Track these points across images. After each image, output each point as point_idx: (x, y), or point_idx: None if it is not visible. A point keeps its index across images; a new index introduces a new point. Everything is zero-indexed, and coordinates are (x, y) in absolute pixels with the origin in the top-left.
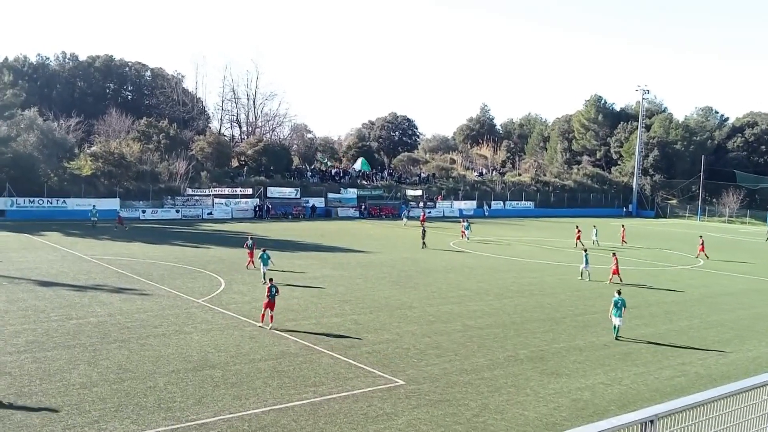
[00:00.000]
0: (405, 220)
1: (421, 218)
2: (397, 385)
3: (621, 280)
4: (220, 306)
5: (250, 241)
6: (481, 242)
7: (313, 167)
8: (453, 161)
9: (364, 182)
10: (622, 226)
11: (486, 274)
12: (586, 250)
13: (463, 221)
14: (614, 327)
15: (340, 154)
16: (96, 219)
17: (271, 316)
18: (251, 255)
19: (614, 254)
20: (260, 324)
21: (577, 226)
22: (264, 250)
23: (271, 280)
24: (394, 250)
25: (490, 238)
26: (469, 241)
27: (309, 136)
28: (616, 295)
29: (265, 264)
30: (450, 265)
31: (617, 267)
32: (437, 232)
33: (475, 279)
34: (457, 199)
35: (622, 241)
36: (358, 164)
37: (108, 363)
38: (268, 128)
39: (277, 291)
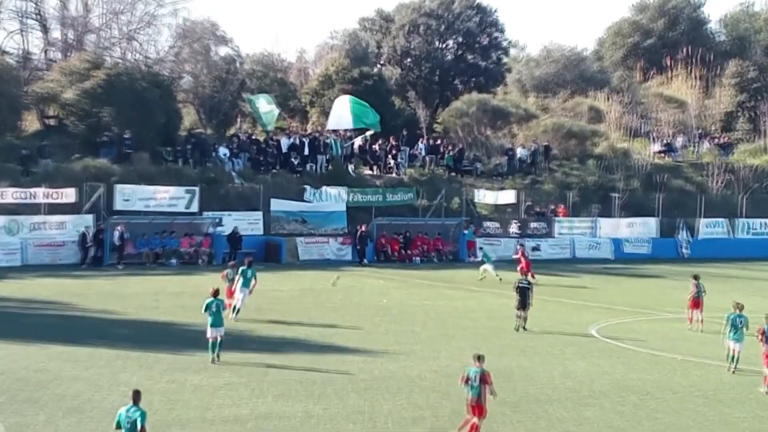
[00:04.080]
0: (488, 268)
1: (521, 265)
2: None
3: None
4: None
5: None
6: (673, 323)
7: (237, 134)
8: (596, 113)
9: (367, 171)
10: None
11: (691, 414)
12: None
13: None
14: None
15: (303, 96)
16: None
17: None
18: None
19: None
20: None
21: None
22: (249, 263)
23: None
24: (443, 345)
25: (700, 317)
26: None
27: (226, 51)
28: None
29: (246, 284)
30: (588, 386)
31: None
32: (557, 294)
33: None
34: (608, 212)
35: None
36: (359, 140)
37: None
38: (117, 33)
39: None
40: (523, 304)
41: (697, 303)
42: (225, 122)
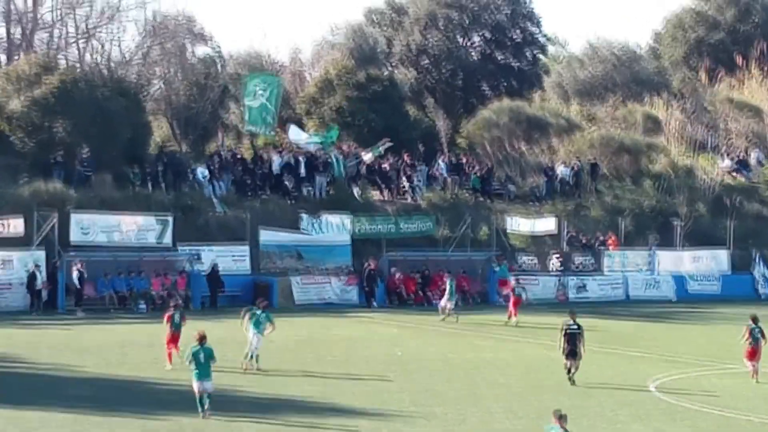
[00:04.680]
0: (443, 302)
1: (512, 300)
2: None
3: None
4: None
5: None
6: (748, 377)
7: (218, 151)
8: (653, 122)
9: (376, 196)
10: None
11: None
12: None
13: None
14: None
15: (298, 105)
16: None
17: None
18: None
19: None
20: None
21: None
22: (264, 306)
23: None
24: (470, 407)
25: None
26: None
27: (205, 52)
28: None
29: (258, 327)
30: None
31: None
32: (607, 342)
33: None
34: (669, 243)
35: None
36: (368, 157)
37: None
38: (74, 31)
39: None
40: (572, 352)
41: (753, 352)
42: (204, 137)
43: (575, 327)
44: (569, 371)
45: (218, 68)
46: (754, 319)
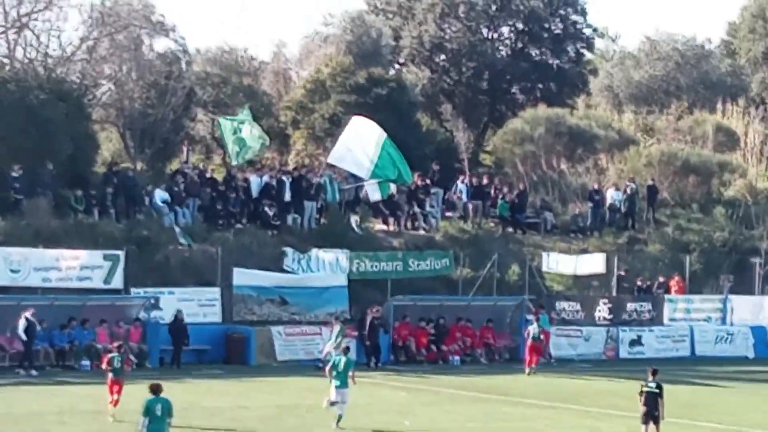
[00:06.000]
0: (328, 346)
1: (528, 345)
2: None
3: None
4: None
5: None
6: None
7: (182, 170)
8: (726, 136)
9: (379, 226)
10: None
11: None
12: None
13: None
14: None
15: (282, 113)
16: None
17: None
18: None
19: None
20: None
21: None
22: (345, 350)
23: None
24: None
25: None
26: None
27: (166, 46)
28: None
29: (344, 383)
30: None
31: None
32: (668, 411)
33: None
34: (746, 287)
35: None
36: (374, 190)
37: None
38: (5, 19)
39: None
40: (652, 417)
41: None
42: (164, 153)
43: (654, 386)
44: None
45: (182, 66)
46: None
